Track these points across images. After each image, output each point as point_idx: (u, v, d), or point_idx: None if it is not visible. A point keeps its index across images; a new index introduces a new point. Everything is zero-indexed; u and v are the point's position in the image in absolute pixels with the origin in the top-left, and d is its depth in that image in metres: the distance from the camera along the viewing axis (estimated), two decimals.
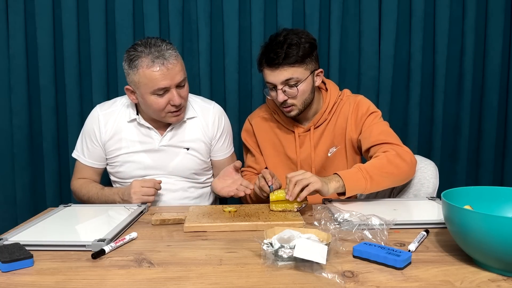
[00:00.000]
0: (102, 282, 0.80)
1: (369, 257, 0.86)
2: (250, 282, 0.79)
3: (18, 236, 1.01)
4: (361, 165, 1.28)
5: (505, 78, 2.08)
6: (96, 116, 1.52)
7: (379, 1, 1.99)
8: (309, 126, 1.52)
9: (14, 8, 1.92)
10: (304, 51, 1.37)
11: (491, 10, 2.01)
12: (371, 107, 1.49)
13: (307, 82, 1.42)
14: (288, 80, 1.38)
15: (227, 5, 1.95)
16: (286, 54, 1.35)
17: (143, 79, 1.34)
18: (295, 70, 1.38)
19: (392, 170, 1.28)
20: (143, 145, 1.49)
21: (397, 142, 1.39)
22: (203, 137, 1.54)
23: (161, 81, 1.33)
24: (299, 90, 1.40)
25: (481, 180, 2.10)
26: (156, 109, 1.39)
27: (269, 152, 1.58)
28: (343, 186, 1.22)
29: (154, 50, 1.33)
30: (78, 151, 1.55)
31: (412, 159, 1.34)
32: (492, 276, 0.79)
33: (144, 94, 1.37)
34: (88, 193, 1.47)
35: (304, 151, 1.53)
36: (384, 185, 1.30)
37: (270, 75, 1.40)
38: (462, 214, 0.80)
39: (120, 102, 1.54)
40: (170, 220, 1.16)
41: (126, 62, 1.38)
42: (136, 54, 1.34)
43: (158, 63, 1.32)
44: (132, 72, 1.36)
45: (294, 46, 1.36)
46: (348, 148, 1.51)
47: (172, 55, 1.35)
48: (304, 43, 1.38)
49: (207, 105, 1.59)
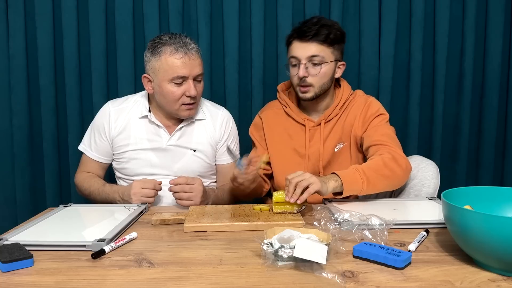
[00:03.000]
0: (102, 282, 0.80)
1: (369, 257, 0.86)
2: (250, 282, 0.79)
3: (18, 236, 1.01)
4: (358, 166, 1.28)
5: (505, 78, 2.08)
6: (107, 111, 1.53)
7: (379, 1, 1.99)
8: (320, 120, 1.54)
9: (14, 8, 1.92)
10: (335, 35, 1.43)
11: (491, 10, 2.01)
12: (381, 109, 1.52)
13: (330, 66, 1.46)
14: (313, 57, 1.42)
15: (227, 5, 1.96)
16: (318, 31, 1.41)
17: (164, 66, 1.38)
18: (323, 49, 1.42)
19: (387, 173, 1.29)
20: (151, 143, 1.50)
21: (396, 147, 1.39)
22: (210, 140, 1.55)
23: (181, 69, 1.38)
24: (321, 71, 1.43)
25: (481, 180, 2.10)
26: (171, 99, 1.41)
27: (276, 146, 1.58)
28: (341, 186, 1.22)
29: (179, 41, 1.40)
30: (85, 144, 1.56)
31: (407, 165, 1.34)
32: (492, 276, 0.79)
33: (162, 81, 1.40)
34: (90, 187, 1.47)
35: (313, 145, 1.54)
36: (379, 188, 1.30)
37: (298, 48, 1.44)
38: (462, 214, 0.80)
39: (133, 99, 1.56)
40: (170, 220, 1.16)
41: (149, 50, 1.43)
42: (160, 42, 1.40)
43: (181, 51, 1.38)
44: (154, 58, 1.40)
45: (327, 27, 1.42)
46: (353, 145, 1.52)
47: (195, 48, 1.42)
48: (336, 30, 1.44)
49: (216, 110, 1.61)
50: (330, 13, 1.98)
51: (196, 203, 1.33)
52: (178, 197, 1.35)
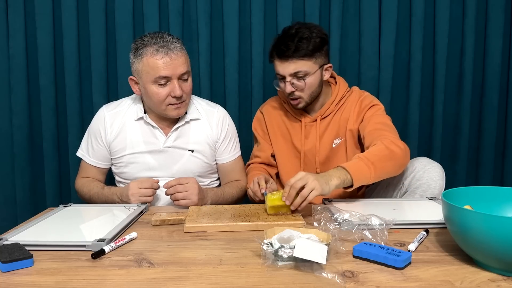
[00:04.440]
0: (102, 282, 0.80)
1: (369, 257, 0.86)
2: (250, 282, 0.79)
3: (18, 236, 1.01)
4: (360, 154, 1.28)
5: (505, 78, 2.07)
6: (102, 116, 1.53)
7: (379, 1, 1.99)
8: (316, 117, 1.55)
9: (14, 8, 1.92)
10: (314, 45, 1.42)
11: (491, 10, 2.01)
12: (374, 101, 1.54)
13: (315, 76, 1.46)
14: (296, 73, 1.43)
15: (227, 5, 1.95)
16: (296, 47, 1.40)
17: (146, 67, 1.37)
18: (304, 64, 1.42)
19: (390, 155, 1.28)
20: (147, 145, 1.49)
21: (393, 133, 1.40)
22: (208, 140, 1.55)
23: (163, 70, 1.36)
24: (306, 83, 1.45)
25: (481, 180, 2.10)
26: (157, 100, 1.40)
27: (278, 139, 1.61)
28: (350, 180, 1.20)
29: (160, 41, 1.37)
30: (83, 150, 1.56)
31: (406, 146, 1.35)
32: (492, 276, 0.79)
33: (146, 83, 1.39)
34: (90, 192, 1.48)
35: (310, 142, 1.56)
36: (386, 171, 1.29)
37: (279, 67, 1.45)
38: (462, 214, 0.80)
39: (127, 102, 1.56)
40: (170, 220, 1.16)
41: (132, 51, 1.42)
42: (142, 43, 1.39)
43: (162, 52, 1.36)
44: (136, 60, 1.40)
45: (304, 40, 1.40)
46: (349, 140, 1.53)
47: (177, 47, 1.39)
48: (315, 38, 1.42)
49: (212, 108, 1.60)
50: (330, 13, 1.98)
51: (194, 201, 1.33)
52: (174, 198, 1.35)
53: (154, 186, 1.38)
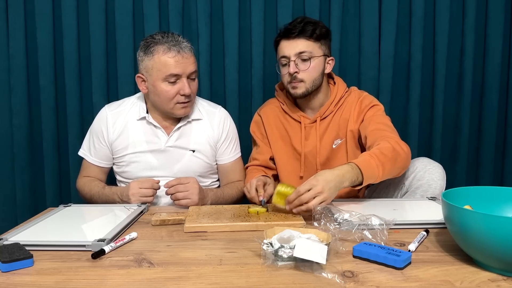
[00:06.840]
0: (102, 282, 0.80)
1: (369, 257, 0.86)
2: (250, 282, 0.79)
3: (18, 236, 1.01)
4: (371, 153, 1.25)
5: (505, 78, 2.08)
6: (104, 115, 1.53)
7: (379, 1, 1.99)
8: (315, 117, 1.55)
9: (14, 8, 1.92)
10: (320, 31, 1.46)
11: (491, 10, 2.02)
12: (374, 101, 1.54)
13: (319, 61, 1.48)
14: (302, 53, 1.45)
15: (227, 5, 1.96)
16: (303, 28, 1.45)
17: (157, 65, 1.39)
18: (310, 44, 1.46)
19: (396, 157, 1.28)
20: (149, 145, 1.50)
21: (394, 134, 1.40)
22: (209, 140, 1.55)
23: (175, 67, 1.38)
24: (311, 65, 1.46)
25: (481, 180, 2.10)
26: (166, 97, 1.41)
27: (277, 142, 1.61)
28: (361, 181, 1.19)
29: (171, 40, 1.40)
30: (85, 150, 1.56)
31: (408, 149, 1.35)
32: (492, 276, 0.79)
33: (156, 81, 1.40)
34: (90, 191, 1.48)
35: (310, 143, 1.55)
36: (391, 173, 1.29)
37: (285, 47, 1.47)
38: (462, 214, 0.80)
39: (129, 101, 1.56)
40: (170, 220, 1.16)
41: (142, 49, 1.43)
42: (153, 41, 1.40)
43: (174, 50, 1.38)
44: (147, 58, 1.41)
45: (311, 24, 1.46)
46: (349, 141, 1.52)
47: (188, 47, 1.42)
48: (321, 27, 1.47)
49: (213, 109, 1.61)
50: (330, 13, 1.98)
51: (195, 201, 1.33)
52: (174, 198, 1.35)
53: (155, 186, 1.38)
